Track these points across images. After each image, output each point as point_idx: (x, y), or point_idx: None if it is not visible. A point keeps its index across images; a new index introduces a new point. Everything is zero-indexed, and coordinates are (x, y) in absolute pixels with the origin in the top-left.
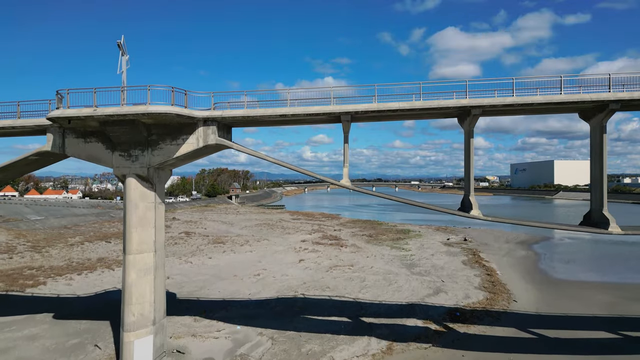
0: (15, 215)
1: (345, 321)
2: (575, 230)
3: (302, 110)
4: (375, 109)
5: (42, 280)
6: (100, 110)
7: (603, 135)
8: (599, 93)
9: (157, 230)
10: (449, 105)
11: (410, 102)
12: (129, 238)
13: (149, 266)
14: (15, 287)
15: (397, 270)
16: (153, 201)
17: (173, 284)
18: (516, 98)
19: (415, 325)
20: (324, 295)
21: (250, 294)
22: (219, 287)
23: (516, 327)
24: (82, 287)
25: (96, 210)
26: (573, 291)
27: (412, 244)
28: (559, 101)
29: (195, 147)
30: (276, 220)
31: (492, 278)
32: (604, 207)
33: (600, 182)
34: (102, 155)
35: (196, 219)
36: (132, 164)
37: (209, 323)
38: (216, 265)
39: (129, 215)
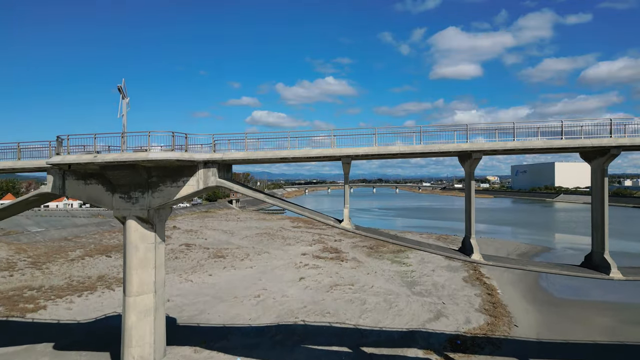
0: (16, 228)
1: (345, 352)
2: (577, 275)
3: (303, 154)
4: (376, 153)
5: (42, 303)
6: (101, 157)
7: (604, 178)
8: (601, 139)
9: (157, 270)
10: (450, 150)
11: (411, 146)
12: (129, 280)
13: (149, 307)
14: (16, 312)
15: (398, 289)
16: (153, 242)
17: (173, 307)
18: (517, 143)
19: (416, 357)
20: (325, 321)
21: (251, 319)
22: (220, 310)
23: (517, 357)
24: (83, 311)
25: (97, 219)
26: (574, 312)
27: (413, 257)
28: (560, 146)
29: (195, 189)
30: (276, 229)
31: (492, 298)
32: (606, 251)
33: (602, 224)
34: (102, 197)
35: (197, 228)
36: (132, 206)
37: (209, 354)
38: (216, 284)
39: (129, 257)
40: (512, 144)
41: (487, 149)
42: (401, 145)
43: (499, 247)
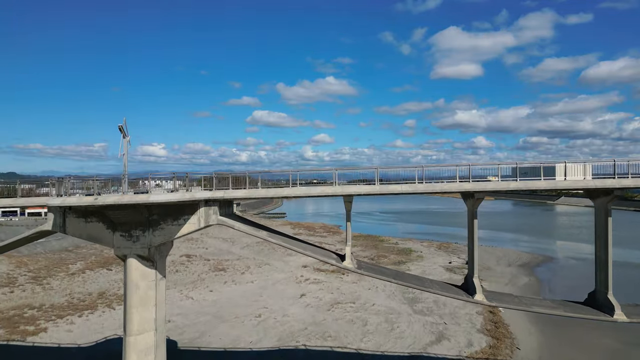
0: None
1: None
2: (581, 317)
3: (304, 192)
4: (378, 192)
5: (42, 325)
6: (102, 200)
7: (608, 218)
8: (604, 180)
9: (157, 307)
10: (452, 190)
11: (414, 186)
12: (130, 319)
13: (149, 346)
14: (16, 334)
15: (399, 307)
16: (154, 279)
17: (174, 328)
18: (520, 183)
19: None
20: (326, 345)
21: (252, 342)
22: (220, 332)
23: None
24: (83, 333)
25: None
26: (576, 334)
27: (414, 269)
28: (564, 187)
29: (196, 227)
30: None
31: (494, 317)
32: (609, 291)
33: (606, 264)
34: (102, 235)
35: (197, 235)
36: (132, 244)
37: None
38: (217, 301)
39: (129, 296)
40: (515, 184)
41: (490, 190)
42: (403, 185)
43: (500, 257)
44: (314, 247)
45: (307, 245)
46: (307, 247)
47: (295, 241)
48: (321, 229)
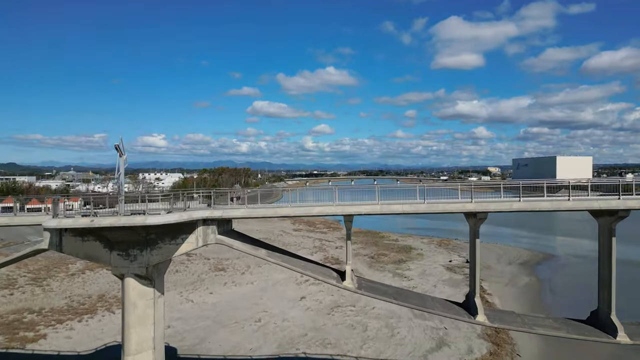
0: (15, 238)
1: None
2: (584, 339)
3: (304, 212)
4: (378, 212)
5: (42, 331)
6: (98, 222)
7: (612, 238)
8: (609, 201)
9: (156, 326)
10: (454, 210)
11: (415, 205)
12: (128, 338)
13: None
14: (16, 342)
15: (400, 311)
16: (152, 297)
17: (173, 334)
18: (523, 204)
19: None
20: (326, 353)
21: (252, 349)
22: (220, 337)
23: None
24: (83, 340)
25: None
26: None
27: (414, 268)
28: (567, 208)
29: (194, 246)
30: (277, 233)
31: None
32: (612, 312)
33: (609, 284)
34: (100, 254)
35: None
36: (130, 263)
37: None
38: (217, 304)
39: (127, 316)
40: (518, 205)
41: (492, 210)
42: (405, 204)
43: (500, 254)
44: (314, 265)
45: (306, 263)
46: (306, 266)
47: (294, 259)
48: (322, 224)
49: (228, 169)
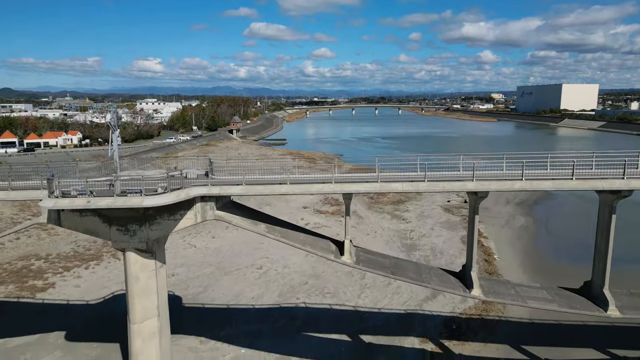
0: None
1: (345, 340)
2: (575, 312)
3: (302, 190)
4: (378, 191)
5: (51, 279)
6: (94, 203)
7: (612, 215)
8: (612, 181)
9: (159, 294)
10: (455, 190)
11: (415, 184)
12: (132, 308)
13: (153, 331)
14: (26, 291)
15: (397, 256)
16: (154, 268)
17: (177, 283)
18: (525, 184)
19: (412, 347)
20: (325, 303)
21: (254, 297)
22: (223, 285)
23: (509, 343)
24: (91, 288)
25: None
26: (567, 280)
27: (413, 209)
28: (570, 188)
29: (193, 222)
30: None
31: (489, 267)
32: (605, 285)
33: (605, 258)
34: (99, 229)
35: None
36: (130, 238)
37: (214, 345)
38: (220, 249)
39: (130, 288)
40: (520, 184)
41: (493, 189)
42: (405, 182)
43: (498, 193)
44: (313, 238)
45: (306, 236)
46: (306, 240)
47: (293, 232)
48: (322, 159)
49: (227, 99)
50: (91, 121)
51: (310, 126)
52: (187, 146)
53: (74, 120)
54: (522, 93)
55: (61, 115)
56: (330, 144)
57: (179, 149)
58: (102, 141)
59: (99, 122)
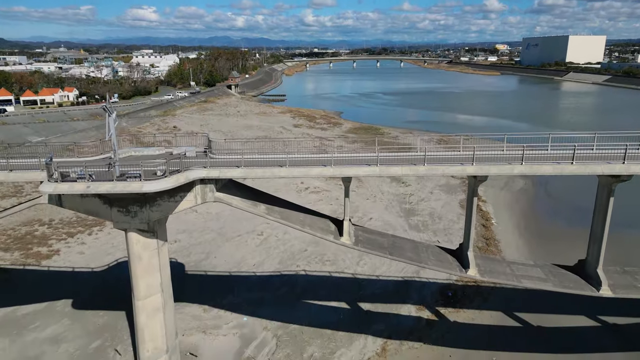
0: (16, 139)
1: (344, 308)
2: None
3: (301, 173)
4: (377, 174)
5: (55, 246)
6: (94, 188)
7: (610, 198)
8: (612, 165)
9: (162, 271)
10: (454, 174)
11: (415, 168)
12: (136, 286)
13: (157, 306)
14: (31, 258)
15: (395, 221)
16: (156, 247)
17: (180, 249)
18: (525, 168)
19: (409, 315)
20: (324, 270)
21: (255, 264)
22: (225, 252)
23: (503, 310)
24: (95, 255)
25: (95, 122)
26: (564, 247)
27: None
28: (570, 173)
29: (193, 204)
30: (277, 131)
31: (486, 232)
32: (599, 266)
33: (600, 239)
34: (100, 210)
35: (197, 129)
36: (131, 219)
37: (217, 314)
38: (220, 215)
39: (133, 267)
40: (520, 168)
41: (493, 174)
42: (404, 167)
43: None
44: (312, 217)
45: (305, 215)
46: (305, 220)
47: (292, 212)
48: (322, 119)
49: (224, 52)
50: (87, 75)
51: (310, 80)
52: (186, 103)
53: (69, 74)
54: (527, 45)
55: (56, 68)
56: (331, 100)
57: (177, 106)
58: (99, 98)
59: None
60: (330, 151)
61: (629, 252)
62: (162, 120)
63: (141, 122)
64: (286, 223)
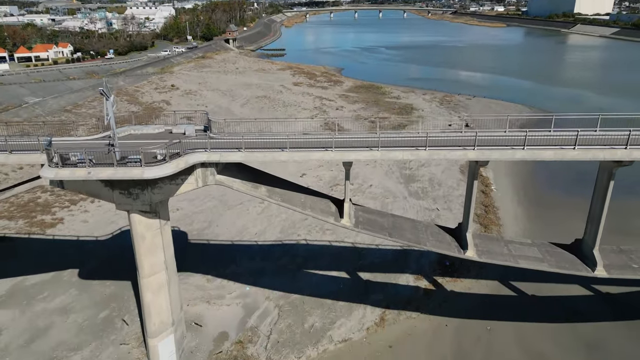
0: (12, 100)
1: (344, 277)
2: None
3: (302, 157)
4: (378, 159)
5: (58, 214)
6: (95, 174)
7: (610, 181)
8: (614, 151)
9: (165, 250)
10: (455, 158)
11: (416, 153)
12: (141, 265)
13: (162, 283)
14: (35, 226)
15: (395, 188)
16: (159, 227)
17: (182, 217)
18: (526, 153)
19: (407, 285)
20: (325, 240)
21: (257, 233)
22: (227, 220)
23: (499, 279)
24: (99, 223)
25: (92, 81)
26: (562, 216)
27: None
28: (571, 158)
29: (194, 187)
30: (277, 89)
31: (486, 198)
32: (596, 247)
33: (598, 221)
34: (101, 192)
35: (195, 87)
36: (133, 201)
37: (221, 283)
38: None
39: (137, 247)
40: (521, 153)
41: (494, 159)
42: (405, 151)
43: (500, 112)
44: (313, 198)
45: (306, 197)
46: (306, 202)
47: (293, 193)
48: (322, 76)
49: (221, 3)
50: (81, 28)
51: (310, 33)
52: (183, 59)
53: (63, 27)
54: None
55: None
56: (331, 55)
57: (174, 62)
58: (94, 54)
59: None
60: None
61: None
62: (160, 78)
63: (139, 80)
64: (287, 206)
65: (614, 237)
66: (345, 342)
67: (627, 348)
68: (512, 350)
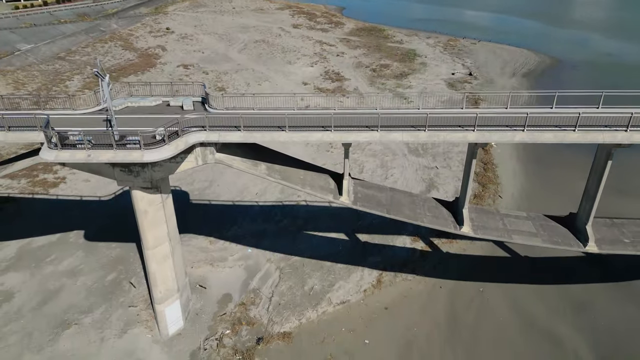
0: (4, 47)
1: (342, 239)
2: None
3: (301, 138)
4: (378, 140)
5: (60, 174)
6: (95, 157)
7: (608, 161)
8: (615, 134)
9: (168, 222)
10: (456, 140)
11: (415, 134)
12: (145, 237)
13: (166, 254)
14: (38, 186)
15: (395, 145)
16: (161, 201)
17: (183, 177)
18: (526, 135)
19: (404, 247)
20: (325, 200)
21: (257, 193)
22: (227, 180)
23: (494, 240)
24: (100, 183)
25: (84, 24)
26: (559, 178)
27: (415, 85)
28: (571, 141)
29: (194, 165)
30: (275, 32)
31: (485, 156)
32: (589, 223)
33: (593, 199)
34: (102, 169)
35: (191, 31)
36: (134, 178)
37: (223, 245)
38: None
39: (140, 221)
40: (521, 135)
41: (494, 141)
42: (405, 132)
43: (507, 61)
44: (312, 174)
45: (306, 172)
46: (305, 179)
47: (293, 170)
48: (323, 17)
49: None
50: None
51: None
52: None
53: None
54: None
55: None
56: None
57: (168, 1)
58: None
59: None
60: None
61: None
62: (154, 20)
63: (132, 22)
64: (286, 183)
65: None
66: (343, 304)
67: (613, 309)
68: (503, 311)
